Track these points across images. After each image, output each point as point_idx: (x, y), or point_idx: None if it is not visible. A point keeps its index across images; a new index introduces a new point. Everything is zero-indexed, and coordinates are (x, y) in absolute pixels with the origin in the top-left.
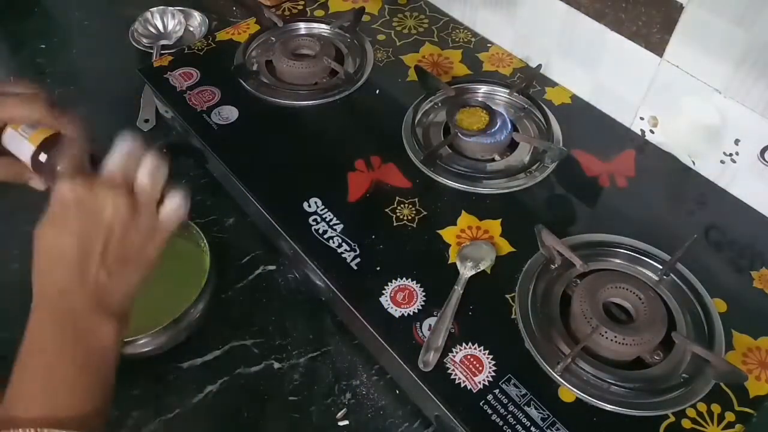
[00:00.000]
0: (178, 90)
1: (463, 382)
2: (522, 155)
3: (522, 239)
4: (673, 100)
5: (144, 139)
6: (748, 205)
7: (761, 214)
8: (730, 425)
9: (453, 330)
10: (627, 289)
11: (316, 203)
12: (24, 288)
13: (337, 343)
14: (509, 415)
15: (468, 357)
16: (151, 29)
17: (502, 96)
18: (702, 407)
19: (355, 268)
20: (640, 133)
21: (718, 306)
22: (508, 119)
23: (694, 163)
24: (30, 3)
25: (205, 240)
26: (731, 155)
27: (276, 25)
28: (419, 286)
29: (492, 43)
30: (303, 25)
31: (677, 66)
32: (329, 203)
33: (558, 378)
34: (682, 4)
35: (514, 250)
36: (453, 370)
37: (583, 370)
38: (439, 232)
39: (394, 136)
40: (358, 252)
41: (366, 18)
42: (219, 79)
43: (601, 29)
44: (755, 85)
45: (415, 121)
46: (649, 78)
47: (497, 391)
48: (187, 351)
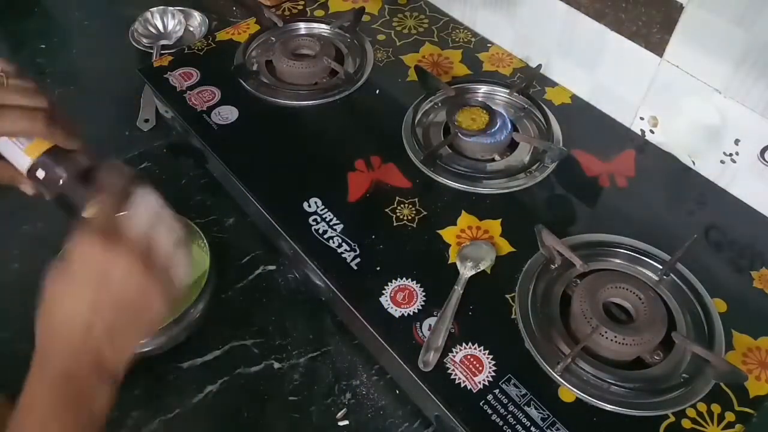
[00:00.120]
0: (178, 90)
1: (463, 382)
2: (522, 155)
3: (522, 239)
4: (673, 100)
5: (147, 184)
6: (748, 205)
7: (761, 214)
8: (730, 425)
9: (453, 330)
10: (627, 289)
11: (316, 203)
12: (24, 288)
13: (337, 343)
14: (509, 415)
15: (468, 357)
16: (151, 29)
17: (502, 96)
18: (702, 407)
19: (355, 268)
20: (640, 133)
21: (718, 306)
22: (508, 119)
23: (694, 163)
24: (30, 3)
25: (205, 240)
26: (731, 155)
27: (276, 25)
28: (419, 286)
29: (492, 43)
30: (303, 25)
31: (677, 66)
32: (329, 203)
33: (558, 378)
34: (682, 4)
35: (514, 250)
36: (453, 370)
37: (583, 370)
38: (439, 232)
39: (394, 136)
40: (358, 252)
41: (366, 18)
42: (219, 79)
43: (601, 29)
44: (755, 85)
45: (415, 121)
46: (649, 78)
47: (497, 391)
48: (187, 351)
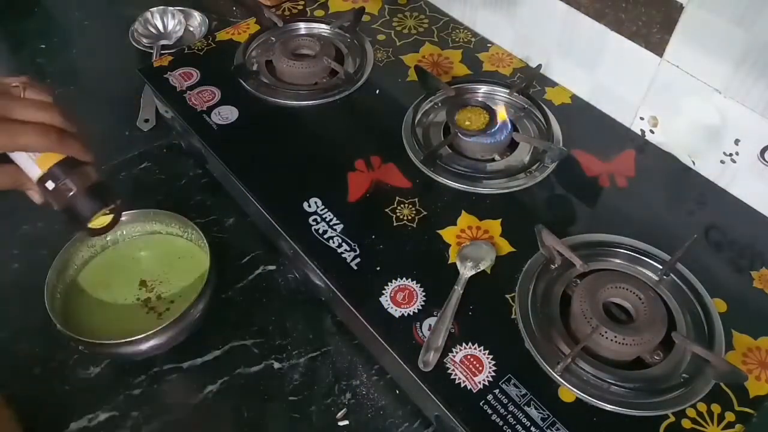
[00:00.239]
0: (178, 90)
1: (463, 382)
2: (522, 155)
3: (522, 239)
4: (673, 100)
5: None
6: (748, 205)
7: (761, 214)
8: (730, 425)
9: (453, 330)
10: (627, 289)
11: (316, 203)
12: (24, 288)
13: (337, 343)
14: (509, 415)
15: (468, 357)
16: (151, 29)
17: (502, 96)
18: (702, 407)
19: (355, 268)
20: (640, 133)
21: (718, 306)
22: (508, 119)
23: (694, 163)
24: (30, 3)
25: (205, 240)
26: (731, 155)
27: (276, 25)
28: (419, 286)
29: (492, 43)
30: (303, 25)
31: (677, 66)
32: (329, 203)
33: (558, 378)
34: (682, 4)
35: (514, 250)
36: (453, 370)
37: (583, 370)
38: (439, 232)
39: (394, 136)
40: (358, 252)
41: (366, 18)
42: (219, 79)
43: (601, 29)
44: (755, 85)
45: (415, 121)
46: (649, 78)
47: (497, 391)
48: (187, 351)
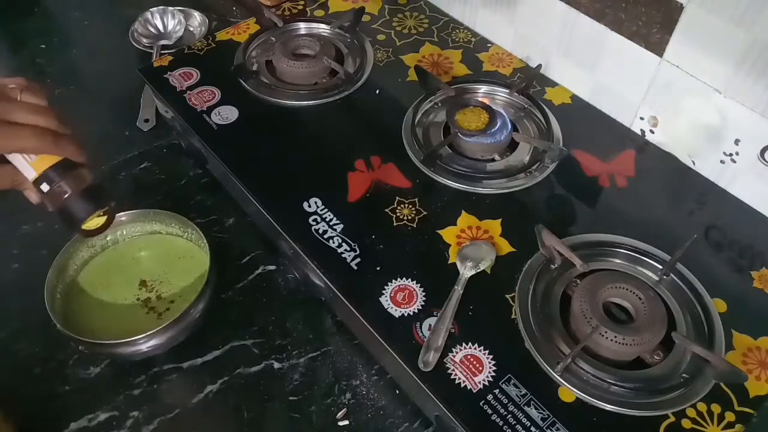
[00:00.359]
0: (178, 90)
1: (463, 382)
2: (522, 155)
3: (522, 239)
4: (673, 100)
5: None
6: (748, 205)
7: (761, 214)
8: (730, 425)
9: (453, 330)
10: (627, 289)
11: (316, 203)
12: (24, 288)
13: (337, 343)
14: (509, 415)
15: (468, 357)
16: (151, 29)
17: (502, 96)
18: (702, 407)
19: (355, 268)
20: (640, 133)
21: (718, 306)
22: (508, 119)
23: (694, 163)
24: (30, 3)
25: (205, 240)
26: (731, 155)
27: (276, 25)
28: (419, 286)
29: (492, 43)
30: (303, 25)
31: (677, 66)
32: (329, 203)
33: (558, 378)
34: (682, 4)
35: (514, 250)
36: (453, 370)
37: (583, 370)
38: (439, 232)
39: (394, 136)
40: (358, 252)
41: (366, 18)
42: (219, 79)
43: (601, 29)
44: (755, 85)
45: (415, 121)
46: (649, 78)
47: (497, 391)
48: (187, 351)
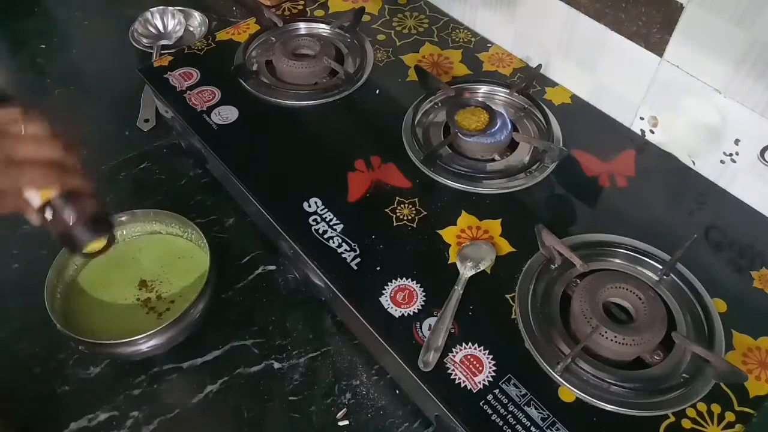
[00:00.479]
0: (178, 90)
1: (463, 382)
2: (522, 155)
3: (522, 239)
4: (673, 100)
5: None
6: (748, 205)
7: (761, 214)
8: (730, 425)
9: (453, 330)
10: (627, 289)
11: (316, 203)
12: (24, 288)
13: (337, 343)
14: (509, 415)
15: (468, 357)
16: (151, 29)
17: (502, 96)
18: (702, 407)
19: (355, 268)
20: (640, 133)
21: (718, 306)
22: (508, 119)
23: (694, 163)
24: (30, 3)
25: (205, 240)
26: (731, 155)
27: (276, 25)
28: (419, 286)
29: (492, 43)
30: (303, 25)
31: (677, 66)
32: (329, 203)
33: (558, 378)
34: (682, 4)
35: (514, 250)
36: (453, 370)
37: (583, 370)
38: (439, 232)
39: (394, 136)
40: (358, 252)
41: (366, 18)
42: (219, 79)
43: (601, 29)
44: (755, 85)
45: (415, 121)
46: (649, 78)
47: (497, 391)
48: (187, 351)
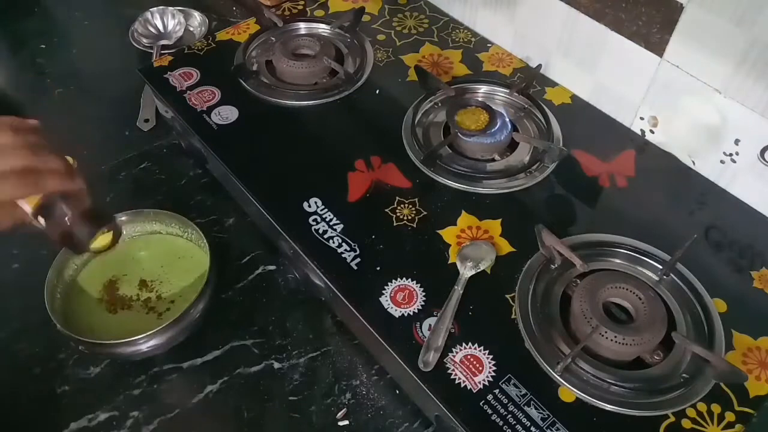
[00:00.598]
0: (178, 90)
1: (463, 382)
2: (522, 155)
3: (522, 239)
4: (673, 100)
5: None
6: (748, 205)
7: (761, 214)
8: (730, 425)
9: (453, 330)
10: (627, 289)
11: (316, 203)
12: (24, 288)
13: (337, 343)
14: (509, 415)
15: (468, 357)
16: (151, 29)
17: (502, 96)
18: (702, 407)
19: (355, 268)
20: (640, 133)
21: (718, 306)
22: (508, 119)
23: (694, 163)
24: (30, 3)
25: (205, 240)
26: (731, 155)
27: (276, 25)
28: (419, 286)
29: (492, 43)
30: (303, 25)
31: (677, 66)
32: (329, 203)
33: (558, 378)
34: (682, 4)
35: (514, 250)
36: (453, 370)
37: (583, 370)
38: (439, 232)
39: (394, 136)
40: (358, 252)
41: (366, 18)
42: (219, 79)
43: (601, 29)
44: (755, 85)
45: (415, 121)
46: (649, 78)
47: (497, 391)
48: (187, 351)
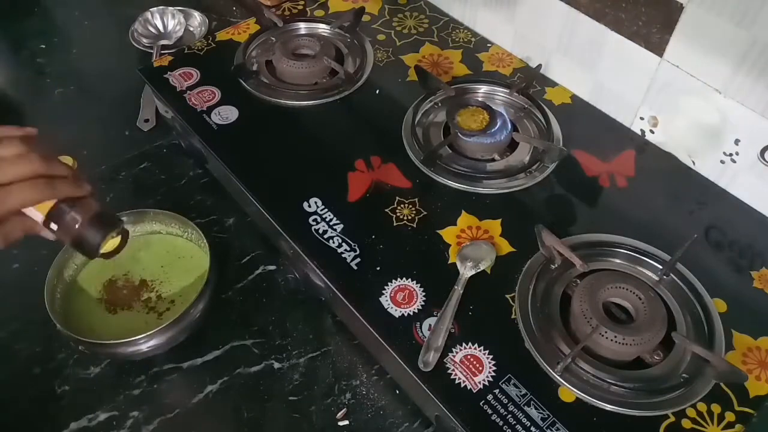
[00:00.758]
0: (178, 90)
1: (463, 382)
2: (522, 155)
3: (522, 239)
4: (673, 100)
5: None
6: (748, 205)
7: (761, 214)
8: (730, 425)
9: (453, 330)
10: (627, 289)
11: (316, 203)
12: (24, 288)
13: (337, 343)
14: (509, 415)
15: (468, 357)
16: (151, 29)
17: (502, 96)
18: (702, 407)
19: (355, 268)
20: (640, 133)
21: (718, 306)
22: (508, 119)
23: (694, 163)
24: (30, 3)
25: (205, 240)
26: (731, 155)
27: (276, 25)
28: (419, 286)
29: (492, 43)
30: (303, 25)
31: (677, 66)
32: (329, 203)
33: (558, 378)
34: (682, 4)
35: (514, 250)
36: (453, 370)
37: (583, 370)
38: (439, 232)
39: (394, 136)
40: (358, 252)
41: (366, 18)
42: (219, 79)
43: (601, 29)
44: (755, 85)
45: (415, 121)
46: (649, 78)
47: (497, 391)
48: (187, 351)
